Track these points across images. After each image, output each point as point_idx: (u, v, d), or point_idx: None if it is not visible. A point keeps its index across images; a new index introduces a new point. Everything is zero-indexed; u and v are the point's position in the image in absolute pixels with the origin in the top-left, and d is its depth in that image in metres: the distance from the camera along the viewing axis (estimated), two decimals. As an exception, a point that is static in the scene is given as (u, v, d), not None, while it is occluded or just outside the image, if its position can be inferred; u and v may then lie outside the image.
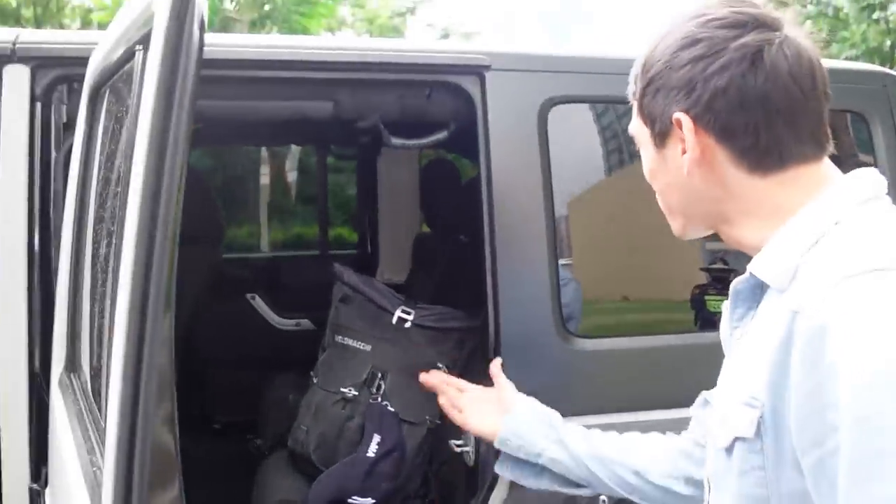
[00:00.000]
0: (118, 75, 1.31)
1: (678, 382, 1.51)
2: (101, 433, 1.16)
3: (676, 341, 2.03)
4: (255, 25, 10.53)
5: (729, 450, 0.86)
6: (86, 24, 16.79)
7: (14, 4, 14.62)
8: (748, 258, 0.92)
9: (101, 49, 1.47)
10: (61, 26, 17.15)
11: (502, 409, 1.44)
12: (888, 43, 12.22)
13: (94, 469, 1.09)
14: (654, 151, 0.95)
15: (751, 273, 0.89)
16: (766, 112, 0.86)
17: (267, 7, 10.95)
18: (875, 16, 11.70)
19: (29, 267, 1.69)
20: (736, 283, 0.92)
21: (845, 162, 2.31)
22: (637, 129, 0.98)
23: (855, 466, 0.70)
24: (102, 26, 11.55)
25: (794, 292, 0.81)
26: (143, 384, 0.93)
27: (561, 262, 1.97)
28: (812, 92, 0.88)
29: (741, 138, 0.87)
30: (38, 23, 16.25)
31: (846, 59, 12.05)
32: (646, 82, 0.93)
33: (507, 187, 1.91)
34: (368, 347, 2.24)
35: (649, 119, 0.94)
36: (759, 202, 0.89)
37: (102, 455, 1.02)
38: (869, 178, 0.88)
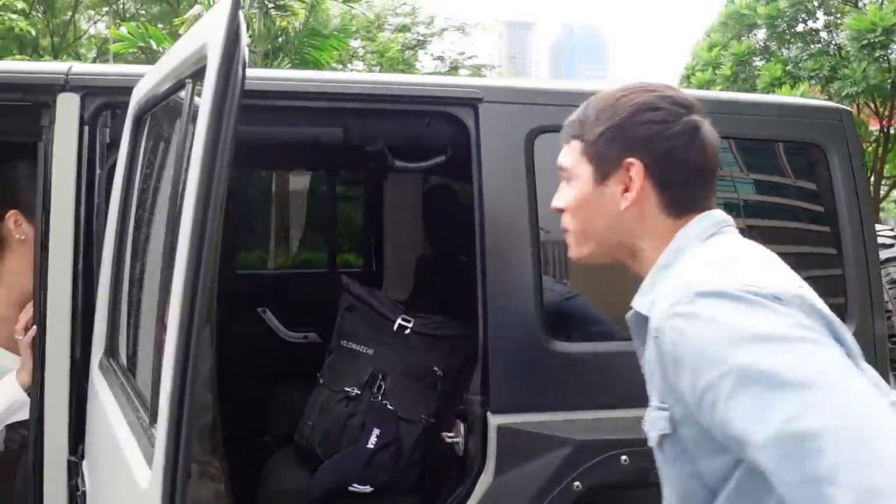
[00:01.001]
0: (163, 104, 1.55)
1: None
2: (139, 396, 1.38)
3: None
4: (268, 57, 10.80)
5: (660, 445, 1.09)
6: (101, 54, 17.15)
7: (33, 34, 14.97)
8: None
9: (147, 81, 1.71)
10: (77, 56, 17.55)
11: None
12: (889, 80, 12.45)
13: (140, 421, 1.30)
14: (592, 185, 1.18)
15: (633, 307, 1.14)
16: (695, 174, 1.15)
17: (280, 39, 11.23)
18: (876, 54, 11.92)
19: (74, 269, 1.91)
20: (628, 318, 1.17)
21: (804, 189, 2.53)
22: (573, 163, 1.21)
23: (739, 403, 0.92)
24: (118, 57, 11.85)
25: (652, 319, 1.06)
26: (190, 378, 1.12)
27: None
28: (717, 163, 1.18)
29: (672, 190, 1.15)
30: (56, 52, 16.61)
31: (847, 95, 12.28)
32: (603, 128, 1.17)
33: (497, 208, 2.11)
34: (371, 351, 2.44)
35: (596, 158, 1.17)
36: (664, 238, 1.15)
37: (147, 411, 1.24)
38: (711, 218, 1.14)
